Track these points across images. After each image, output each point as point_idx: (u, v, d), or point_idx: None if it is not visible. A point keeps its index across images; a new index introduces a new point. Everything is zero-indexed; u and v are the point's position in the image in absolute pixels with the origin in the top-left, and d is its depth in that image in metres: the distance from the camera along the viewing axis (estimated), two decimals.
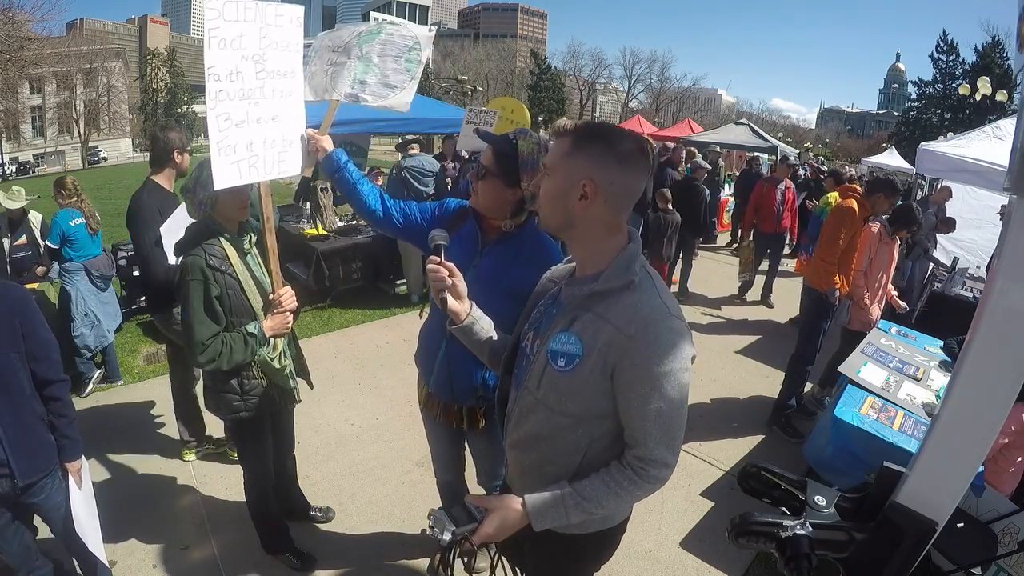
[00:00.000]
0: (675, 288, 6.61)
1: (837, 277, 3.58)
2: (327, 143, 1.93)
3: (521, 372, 1.29)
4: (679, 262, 6.47)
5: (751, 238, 6.49)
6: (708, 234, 7.34)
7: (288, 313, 2.09)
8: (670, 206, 5.96)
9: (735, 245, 6.58)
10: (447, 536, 1.11)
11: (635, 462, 1.14)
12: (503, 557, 1.44)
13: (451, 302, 1.34)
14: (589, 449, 1.20)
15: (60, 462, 1.88)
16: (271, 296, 2.06)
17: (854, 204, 3.50)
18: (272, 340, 2.07)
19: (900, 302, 3.85)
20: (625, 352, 1.08)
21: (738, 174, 10.26)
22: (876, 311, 3.72)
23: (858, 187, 3.73)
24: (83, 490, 1.94)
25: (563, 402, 1.17)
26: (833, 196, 6.24)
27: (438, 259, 1.32)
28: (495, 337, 1.42)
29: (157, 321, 3.05)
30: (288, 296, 2.07)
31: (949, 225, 6.19)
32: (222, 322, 1.95)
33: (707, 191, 6.37)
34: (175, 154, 2.94)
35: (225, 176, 1.72)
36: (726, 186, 10.20)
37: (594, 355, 1.11)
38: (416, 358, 2.00)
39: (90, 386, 3.95)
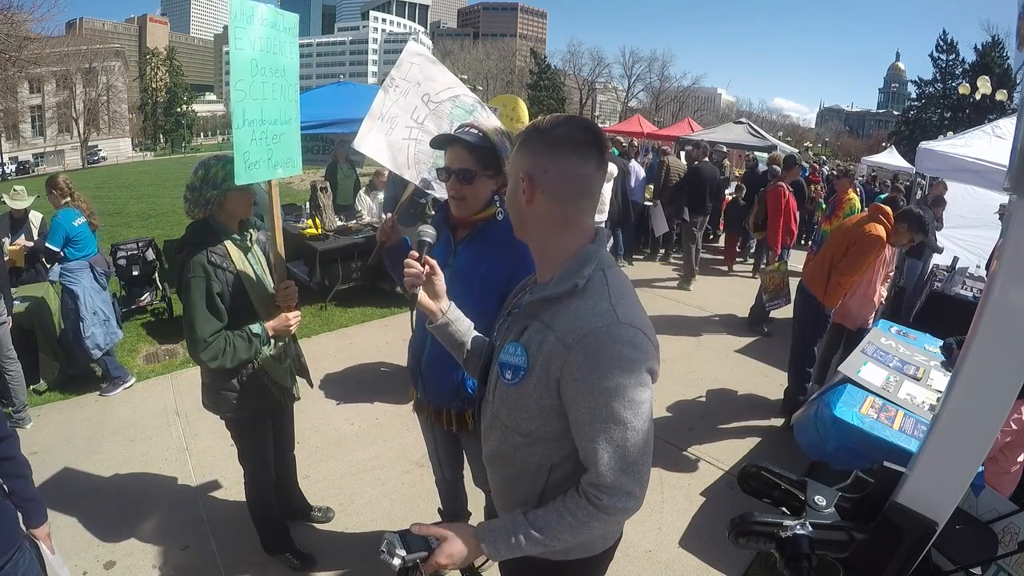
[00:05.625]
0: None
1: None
2: (396, 235, 1.88)
3: (488, 384, 1.25)
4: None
5: (779, 256, 5.72)
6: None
7: (295, 311, 2.09)
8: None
9: (763, 265, 5.68)
10: (396, 562, 1.07)
11: (589, 489, 1.02)
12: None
13: (423, 299, 1.31)
14: (552, 473, 1.11)
15: (27, 530, 1.60)
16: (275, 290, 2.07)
17: (884, 233, 3.42)
18: (274, 339, 2.07)
19: None
20: (565, 364, 0.99)
21: (739, 174, 10.22)
22: (858, 306, 3.70)
23: (889, 210, 3.54)
24: (55, 556, 1.72)
25: (513, 418, 1.10)
26: (854, 196, 6.24)
27: (418, 255, 1.32)
28: (471, 340, 1.39)
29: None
30: (291, 293, 2.07)
31: (940, 204, 6.21)
32: (224, 319, 1.95)
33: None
34: None
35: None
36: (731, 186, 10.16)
37: (537, 368, 1.03)
38: (407, 365, 2.00)
39: (119, 389, 3.95)
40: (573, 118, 1.07)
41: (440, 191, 2.14)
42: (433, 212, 2.92)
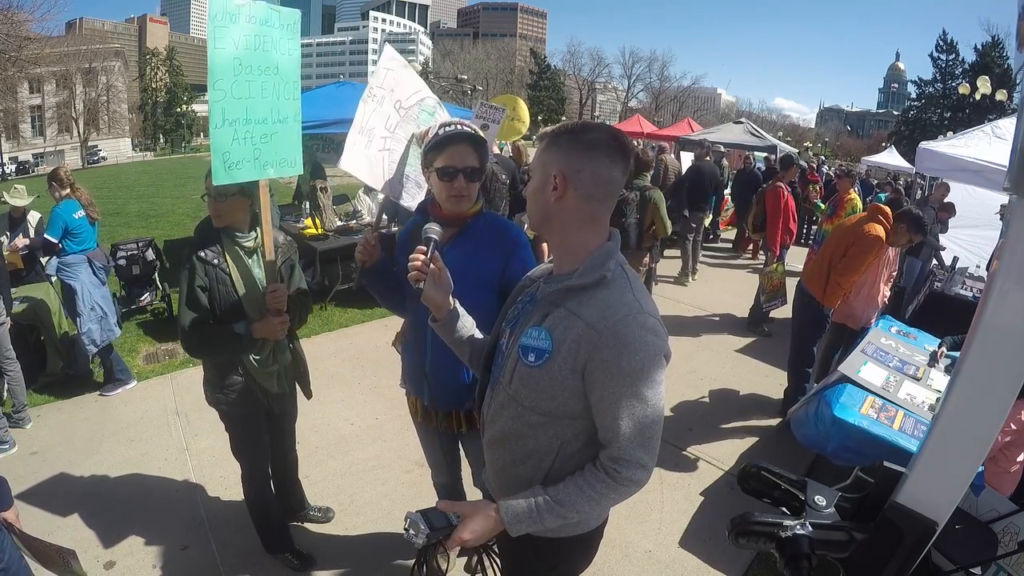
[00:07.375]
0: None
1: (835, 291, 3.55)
2: (377, 253, 1.87)
3: (497, 369, 1.29)
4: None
5: (778, 257, 5.57)
6: None
7: (282, 316, 2.04)
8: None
9: (765, 267, 5.42)
10: (421, 539, 1.11)
11: (608, 463, 1.11)
12: (487, 557, 1.44)
13: (430, 293, 1.32)
14: (561, 451, 1.18)
15: None
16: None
17: (882, 233, 3.41)
18: (261, 342, 2.06)
19: None
20: (595, 347, 1.07)
21: (734, 172, 10.20)
22: (862, 306, 3.69)
23: (888, 210, 3.54)
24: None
25: (533, 398, 1.16)
26: (854, 196, 6.22)
27: (425, 249, 1.30)
28: (477, 335, 1.41)
29: None
30: (279, 296, 2.02)
31: (949, 210, 6.18)
32: (205, 313, 1.98)
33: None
34: None
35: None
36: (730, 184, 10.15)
37: (563, 350, 1.10)
38: (404, 379, 1.98)
39: (119, 390, 3.93)
40: (602, 125, 1.17)
41: (409, 200, 2.09)
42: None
